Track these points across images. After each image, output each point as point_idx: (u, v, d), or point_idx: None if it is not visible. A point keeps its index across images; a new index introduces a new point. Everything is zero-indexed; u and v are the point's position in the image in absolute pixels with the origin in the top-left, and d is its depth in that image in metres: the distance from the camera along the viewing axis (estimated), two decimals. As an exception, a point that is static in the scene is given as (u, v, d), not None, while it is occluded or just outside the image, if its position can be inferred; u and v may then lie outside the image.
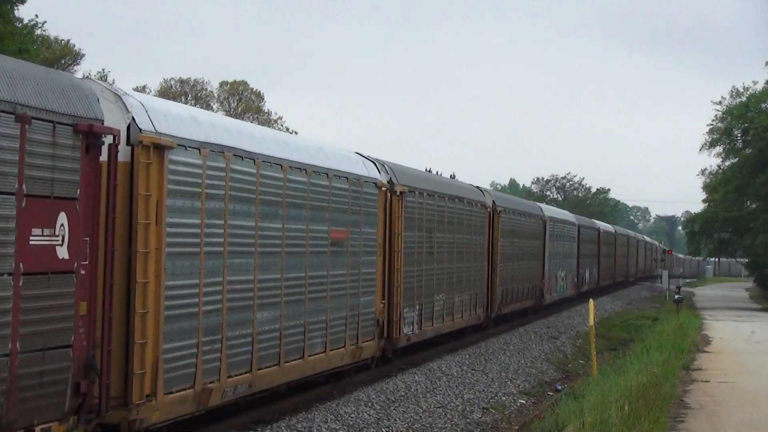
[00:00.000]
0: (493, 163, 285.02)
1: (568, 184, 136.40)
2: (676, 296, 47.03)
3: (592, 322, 22.16)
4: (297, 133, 72.62)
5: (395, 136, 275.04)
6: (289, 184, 16.65)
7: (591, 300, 23.01)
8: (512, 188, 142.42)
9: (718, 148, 60.63)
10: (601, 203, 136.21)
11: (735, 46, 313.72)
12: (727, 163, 61.45)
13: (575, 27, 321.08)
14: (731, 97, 60.06)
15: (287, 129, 77.54)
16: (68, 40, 57.53)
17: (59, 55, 54.61)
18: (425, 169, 29.24)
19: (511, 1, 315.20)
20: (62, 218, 10.88)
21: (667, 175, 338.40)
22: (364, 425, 16.62)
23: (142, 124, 12.61)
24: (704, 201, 65.43)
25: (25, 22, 41.35)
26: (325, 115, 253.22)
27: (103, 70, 62.80)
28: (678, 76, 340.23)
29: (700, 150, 61.71)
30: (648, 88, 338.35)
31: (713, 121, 61.11)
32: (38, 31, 44.81)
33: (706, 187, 64.63)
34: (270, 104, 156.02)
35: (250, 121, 73.43)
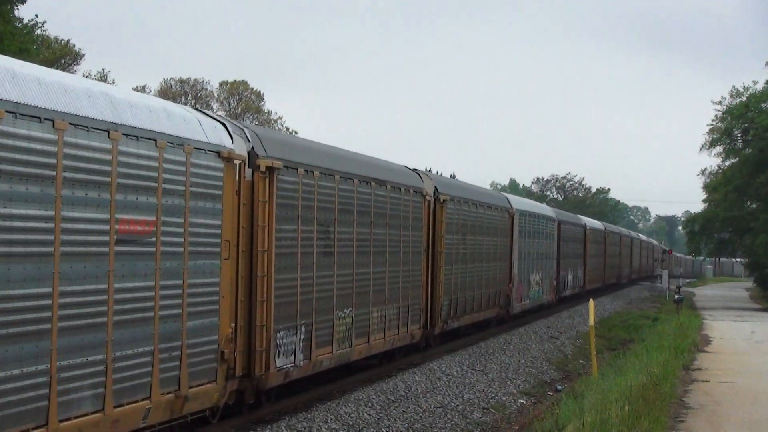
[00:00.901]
0: (493, 163, 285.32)
1: (568, 184, 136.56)
2: (676, 296, 47.01)
3: (592, 321, 22.14)
4: (297, 133, 72.57)
5: (396, 136, 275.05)
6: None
7: (591, 300, 22.99)
8: (512, 188, 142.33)
9: (718, 148, 60.62)
10: (601, 203, 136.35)
11: (735, 46, 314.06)
12: (727, 163, 61.39)
13: (575, 27, 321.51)
14: (731, 97, 60.04)
15: (287, 129, 77.52)
16: (68, 40, 57.55)
17: (59, 55, 54.52)
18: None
19: (511, 1, 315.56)
20: None
21: (667, 175, 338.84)
22: (364, 425, 16.63)
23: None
24: (704, 201, 65.39)
25: (25, 21, 41.37)
26: (326, 116, 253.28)
27: (103, 69, 62.83)
28: (678, 76, 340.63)
29: (700, 150, 61.75)
30: (648, 88, 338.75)
31: (713, 121, 61.18)
32: (38, 31, 44.79)
33: (706, 187, 64.61)
34: (270, 104, 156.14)
35: (250, 121, 73.45)
